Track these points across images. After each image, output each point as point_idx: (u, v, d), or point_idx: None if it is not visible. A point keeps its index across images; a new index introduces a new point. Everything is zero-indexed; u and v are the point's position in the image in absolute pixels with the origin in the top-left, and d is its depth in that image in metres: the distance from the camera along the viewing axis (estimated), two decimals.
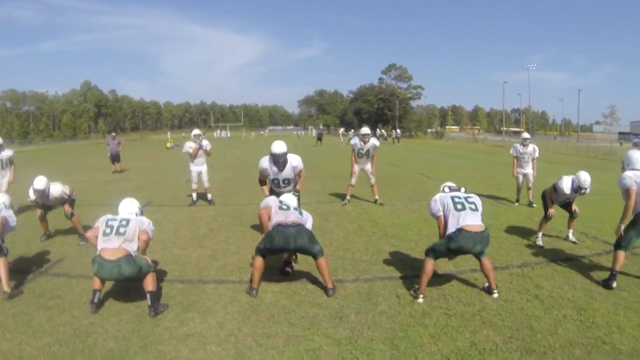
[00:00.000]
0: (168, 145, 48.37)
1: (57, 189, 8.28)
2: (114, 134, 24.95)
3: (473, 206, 5.76)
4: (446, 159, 31.34)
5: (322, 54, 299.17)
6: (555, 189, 8.17)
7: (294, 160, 7.90)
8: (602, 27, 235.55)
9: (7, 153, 11.48)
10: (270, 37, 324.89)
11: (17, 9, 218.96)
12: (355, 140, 12.13)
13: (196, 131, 12.79)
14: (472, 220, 5.65)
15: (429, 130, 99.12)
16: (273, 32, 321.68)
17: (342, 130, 79.79)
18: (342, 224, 9.87)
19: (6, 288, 5.81)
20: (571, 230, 8.52)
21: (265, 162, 7.92)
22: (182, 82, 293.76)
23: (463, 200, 5.79)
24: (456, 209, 5.70)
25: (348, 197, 12.34)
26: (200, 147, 12.28)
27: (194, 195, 12.46)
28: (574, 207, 8.36)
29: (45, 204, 8.43)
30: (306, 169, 8.32)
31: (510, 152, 12.76)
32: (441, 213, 5.83)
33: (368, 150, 11.99)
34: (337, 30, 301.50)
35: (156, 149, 45.74)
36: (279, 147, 7.74)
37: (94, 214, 8.74)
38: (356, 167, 12.15)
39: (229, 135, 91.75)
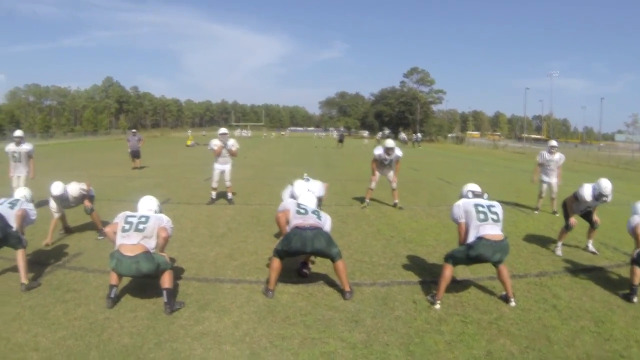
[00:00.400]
0: (188, 143, 48.60)
1: (74, 189, 8.34)
2: (134, 130, 25.06)
3: (495, 217, 5.69)
4: (466, 164, 31.12)
5: (343, 56, 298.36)
6: (576, 197, 8.06)
7: (317, 191, 7.56)
8: (625, 35, 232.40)
9: (27, 147, 11.60)
10: (292, 37, 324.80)
11: (40, 5, 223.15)
12: (380, 151, 11.96)
13: (223, 130, 12.58)
14: (492, 230, 5.59)
15: (449, 135, 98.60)
16: (295, 32, 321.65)
17: (366, 133, 79.66)
18: (361, 227, 9.82)
19: (24, 280, 5.88)
20: (591, 241, 8.39)
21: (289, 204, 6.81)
22: (203, 80, 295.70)
23: (486, 210, 5.71)
24: (478, 219, 5.63)
25: (367, 200, 12.29)
26: (225, 146, 12.22)
27: (214, 193, 12.46)
28: (595, 217, 8.24)
29: (67, 206, 8.49)
30: (326, 170, 8.29)
31: (537, 158, 12.54)
32: (463, 220, 5.76)
33: (391, 161, 11.94)
34: (358, 32, 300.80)
35: (176, 147, 46.01)
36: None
37: (113, 209, 8.80)
38: (377, 174, 12.12)
39: (250, 134, 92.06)
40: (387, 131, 78.86)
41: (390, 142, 12.04)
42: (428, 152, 47.52)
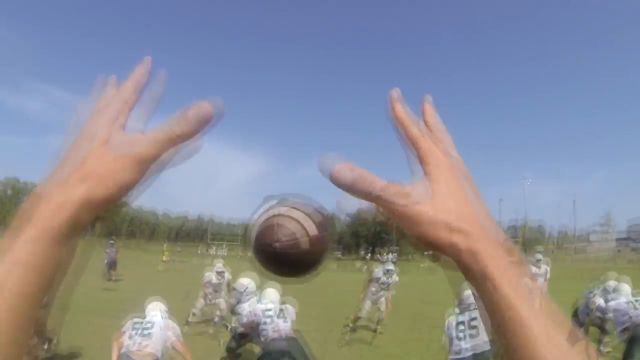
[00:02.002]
0: (164, 258, 47.89)
1: None
2: (112, 241, 24.77)
3: (474, 332, 5.77)
4: (445, 282, 30.94)
5: (319, 174, 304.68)
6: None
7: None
8: (590, 136, 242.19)
9: None
10: (269, 154, 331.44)
11: (29, 101, 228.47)
12: (379, 274, 11.91)
13: (219, 267, 11.84)
14: (472, 342, 5.66)
15: (425, 252, 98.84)
16: (273, 150, 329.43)
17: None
18: (342, 353, 9.63)
19: None
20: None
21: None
22: (180, 193, 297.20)
23: (465, 327, 5.81)
24: (457, 338, 5.77)
25: (350, 325, 11.80)
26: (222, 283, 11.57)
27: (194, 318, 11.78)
28: None
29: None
30: (304, 295, 8.23)
31: None
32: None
33: (388, 285, 11.92)
34: (333, 147, 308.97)
35: (153, 258, 45.52)
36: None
37: (90, 322, 8.58)
38: (368, 303, 11.79)
39: (225, 253, 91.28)
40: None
41: (390, 265, 12.21)
42: (404, 271, 47.34)
